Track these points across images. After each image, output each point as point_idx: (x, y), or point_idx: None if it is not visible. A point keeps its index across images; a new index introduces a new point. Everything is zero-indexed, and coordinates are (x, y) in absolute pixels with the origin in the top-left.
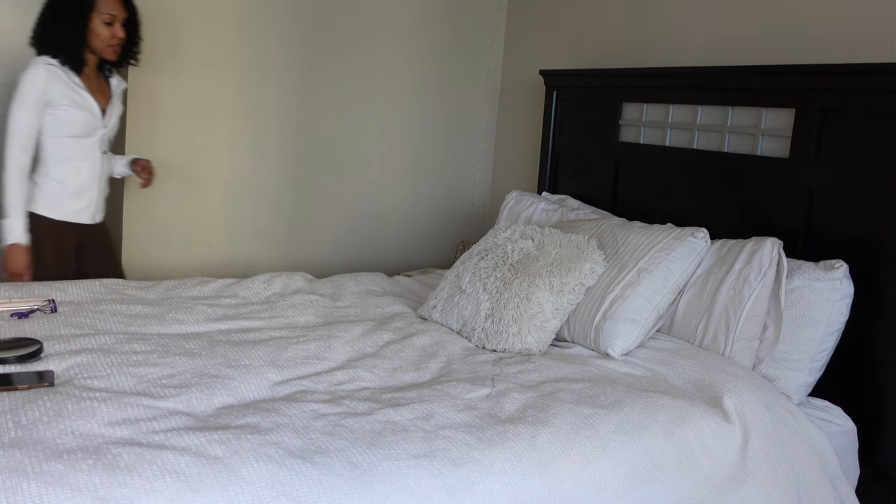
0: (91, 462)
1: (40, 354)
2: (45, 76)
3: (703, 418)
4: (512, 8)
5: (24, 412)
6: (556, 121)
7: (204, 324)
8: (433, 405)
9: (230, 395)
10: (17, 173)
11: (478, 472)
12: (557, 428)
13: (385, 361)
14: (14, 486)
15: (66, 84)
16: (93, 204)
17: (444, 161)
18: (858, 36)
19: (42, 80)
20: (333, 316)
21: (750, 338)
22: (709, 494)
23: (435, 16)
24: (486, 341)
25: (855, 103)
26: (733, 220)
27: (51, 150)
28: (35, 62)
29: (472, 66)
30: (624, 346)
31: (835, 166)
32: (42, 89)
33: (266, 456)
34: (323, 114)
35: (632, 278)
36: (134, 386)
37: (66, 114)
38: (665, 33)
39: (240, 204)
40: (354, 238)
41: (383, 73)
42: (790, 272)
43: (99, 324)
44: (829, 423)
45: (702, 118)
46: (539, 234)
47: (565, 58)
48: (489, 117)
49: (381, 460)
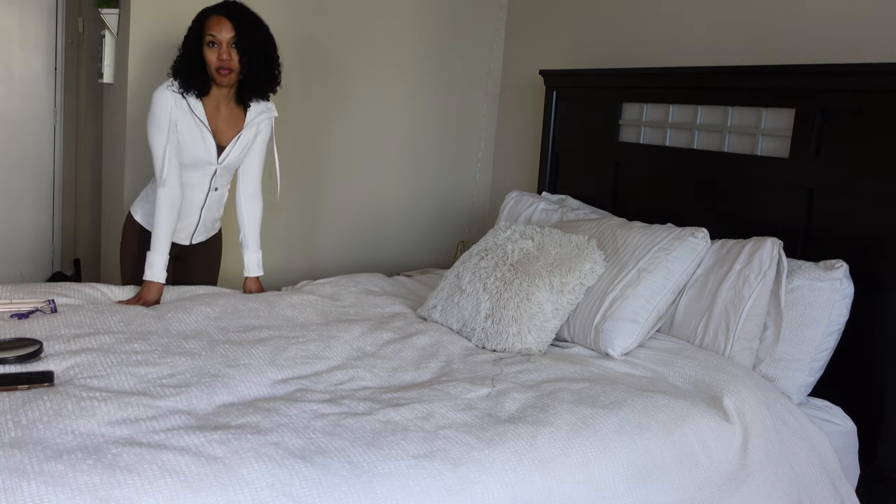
0: (91, 462)
1: (40, 354)
2: (170, 99)
3: (703, 418)
4: (512, 8)
5: (24, 412)
6: (556, 121)
7: (203, 323)
8: (433, 405)
9: (230, 394)
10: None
11: (478, 472)
12: (557, 428)
13: (385, 361)
14: (14, 486)
15: (186, 112)
16: (190, 230)
17: (444, 161)
18: (859, 36)
19: (168, 102)
20: (333, 316)
21: (750, 338)
22: (709, 494)
23: (435, 16)
24: (486, 341)
25: (855, 103)
26: (733, 220)
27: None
28: (159, 87)
29: (472, 66)
30: (624, 346)
31: (835, 166)
32: (170, 111)
33: (266, 456)
34: (323, 114)
35: (632, 278)
36: (134, 385)
37: (179, 140)
38: (665, 33)
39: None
40: (354, 238)
41: (383, 73)
42: (790, 272)
43: (99, 323)
44: (830, 423)
45: (702, 118)
46: (539, 234)
47: (565, 58)
48: (489, 117)
49: (381, 460)
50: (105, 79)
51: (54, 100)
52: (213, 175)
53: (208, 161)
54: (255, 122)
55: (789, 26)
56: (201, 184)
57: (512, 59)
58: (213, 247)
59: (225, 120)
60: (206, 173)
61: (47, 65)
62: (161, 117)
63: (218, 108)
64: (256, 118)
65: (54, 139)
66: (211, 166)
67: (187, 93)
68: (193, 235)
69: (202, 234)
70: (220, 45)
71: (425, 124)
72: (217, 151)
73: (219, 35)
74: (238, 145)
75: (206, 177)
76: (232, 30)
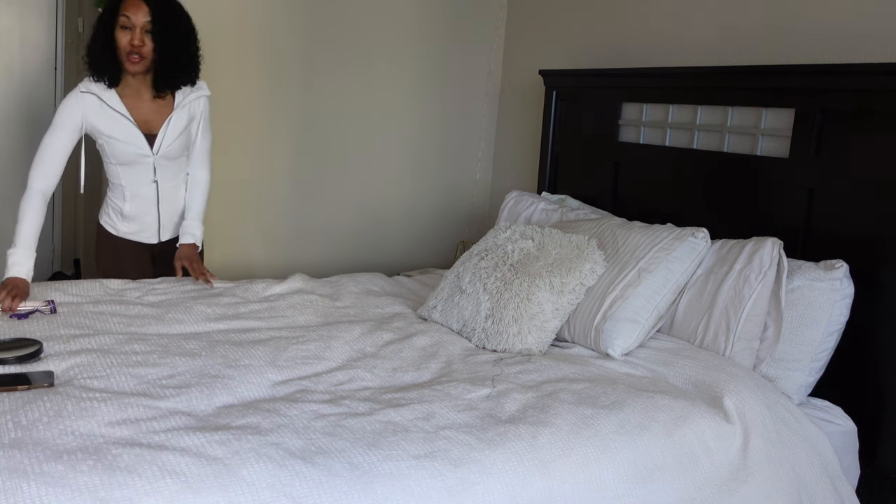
0: (91, 462)
1: (40, 355)
2: (78, 106)
3: (703, 418)
4: (512, 8)
5: (24, 412)
6: (556, 121)
7: (203, 324)
8: (433, 405)
9: (230, 395)
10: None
11: (478, 473)
12: (558, 428)
13: (385, 362)
14: (14, 487)
15: (104, 112)
16: (153, 228)
17: (444, 161)
18: (859, 36)
19: (76, 109)
20: (333, 316)
21: (750, 338)
22: (709, 495)
23: (435, 16)
24: (487, 341)
25: (855, 103)
26: (733, 220)
27: (107, 175)
28: (72, 92)
29: (472, 66)
30: (624, 347)
31: (835, 166)
32: (77, 119)
33: (266, 456)
34: (323, 113)
35: (632, 278)
36: (134, 386)
37: (106, 144)
38: (665, 33)
39: (240, 204)
40: (354, 238)
41: (383, 73)
42: (790, 272)
43: (98, 324)
44: (830, 423)
45: (702, 118)
46: (539, 234)
47: (565, 58)
48: (489, 117)
49: (381, 461)
50: None
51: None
52: (154, 170)
53: (141, 153)
54: (185, 104)
55: (789, 26)
56: (145, 179)
57: (512, 59)
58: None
59: (150, 109)
60: (145, 167)
61: (47, 65)
62: (64, 120)
63: (140, 97)
64: (186, 100)
65: None
66: (147, 158)
67: (99, 80)
68: (160, 233)
69: (171, 230)
70: (134, 29)
71: (425, 124)
72: (149, 142)
73: (133, 18)
74: (171, 130)
75: (147, 171)
76: (148, 14)
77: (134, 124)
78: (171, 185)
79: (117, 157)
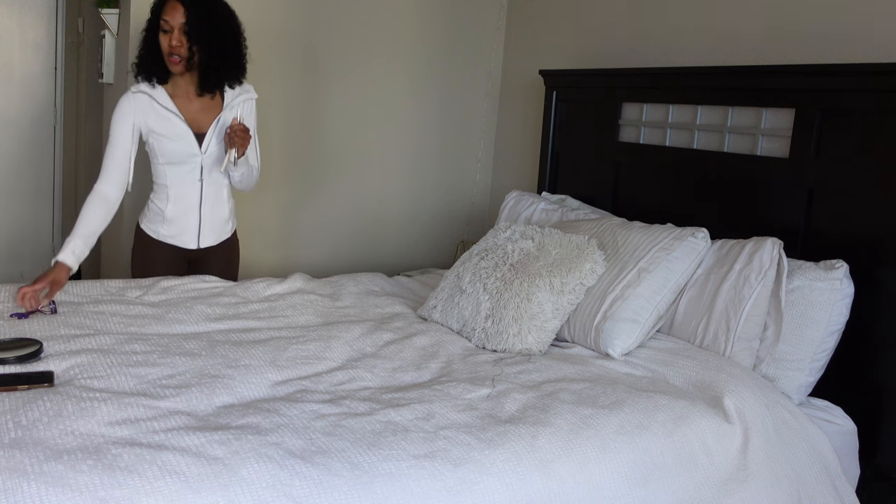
0: (91, 462)
1: (40, 355)
2: (130, 106)
3: (703, 418)
4: (512, 8)
5: (24, 412)
6: (556, 121)
7: (203, 324)
8: (433, 405)
9: (230, 395)
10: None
11: (478, 473)
12: (558, 428)
13: (385, 361)
14: (14, 487)
15: (155, 110)
16: (193, 232)
17: (444, 161)
18: (858, 36)
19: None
20: (333, 316)
21: (750, 338)
22: (709, 495)
23: (435, 16)
24: (487, 341)
25: (855, 103)
26: (733, 220)
27: (153, 177)
28: (123, 95)
29: (473, 65)
30: (624, 347)
31: (835, 166)
32: (130, 119)
33: (266, 456)
34: (323, 113)
35: (632, 278)
36: (134, 386)
37: (156, 143)
38: (665, 33)
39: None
40: (354, 238)
41: (383, 73)
42: (790, 272)
43: (99, 324)
44: (830, 423)
45: (701, 118)
46: (539, 234)
47: (565, 58)
48: (489, 117)
49: (381, 461)
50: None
51: (54, 100)
52: (201, 170)
53: (190, 153)
54: (234, 104)
55: (789, 26)
56: (191, 179)
57: (512, 59)
58: (228, 251)
59: (199, 108)
60: (192, 167)
61: (47, 65)
62: (119, 123)
63: (188, 97)
64: (234, 101)
65: (54, 139)
66: (196, 158)
67: (148, 81)
68: (200, 238)
69: (210, 237)
70: (172, 31)
71: (425, 124)
72: (198, 141)
73: (171, 20)
74: (220, 130)
75: (194, 170)
76: (184, 15)
77: (184, 122)
78: (216, 188)
79: (166, 156)
